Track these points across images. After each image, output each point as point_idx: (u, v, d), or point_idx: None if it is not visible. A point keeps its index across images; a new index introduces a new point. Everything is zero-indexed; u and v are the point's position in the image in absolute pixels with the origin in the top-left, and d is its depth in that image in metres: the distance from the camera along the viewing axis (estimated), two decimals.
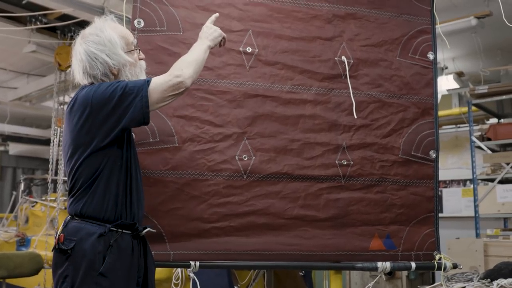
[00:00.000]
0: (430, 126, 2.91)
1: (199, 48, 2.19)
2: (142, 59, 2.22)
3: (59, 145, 6.33)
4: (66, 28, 5.99)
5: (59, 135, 6.30)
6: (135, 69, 2.14)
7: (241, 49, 2.74)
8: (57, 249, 1.95)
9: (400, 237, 2.80)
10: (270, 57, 2.76)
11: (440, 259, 2.78)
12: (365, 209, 2.76)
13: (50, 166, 6.33)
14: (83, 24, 5.85)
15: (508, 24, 3.23)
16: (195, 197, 2.54)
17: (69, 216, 2.01)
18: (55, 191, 6.43)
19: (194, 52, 2.16)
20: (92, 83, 2.04)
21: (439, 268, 2.76)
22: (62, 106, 6.53)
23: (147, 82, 1.98)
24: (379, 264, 2.67)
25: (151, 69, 2.57)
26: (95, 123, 1.95)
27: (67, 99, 6.55)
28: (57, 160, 6.29)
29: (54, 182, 6.43)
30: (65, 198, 5.73)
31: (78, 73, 2.10)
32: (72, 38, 6.06)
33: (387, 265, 2.68)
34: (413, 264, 2.73)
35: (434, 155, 2.89)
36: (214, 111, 2.66)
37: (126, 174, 2.03)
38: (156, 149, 2.57)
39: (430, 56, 2.96)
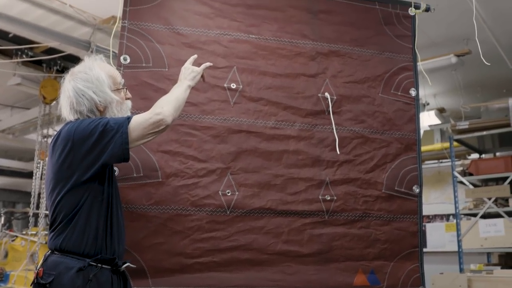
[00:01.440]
0: (413, 161, 2.94)
1: (180, 87, 2.23)
2: (128, 98, 2.24)
3: (41, 178, 6.26)
4: (52, 62, 6.01)
5: (42, 168, 6.24)
6: (121, 107, 2.16)
7: (225, 85, 2.77)
8: (36, 284, 1.92)
9: (385, 273, 2.79)
10: (254, 93, 2.79)
11: None
12: (349, 244, 2.76)
13: (32, 199, 6.25)
14: (69, 58, 5.89)
15: (486, 62, 3.32)
16: (178, 232, 2.53)
17: (49, 251, 1.99)
18: (36, 225, 6.34)
19: (174, 91, 2.20)
20: (77, 119, 2.06)
21: None
22: (45, 139, 6.49)
23: (128, 119, 1.99)
24: None
25: (136, 105, 2.60)
26: (76, 158, 1.95)
27: (51, 132, 6.52)
28: (39, 194, 6.21)
29: (36, 216, 6.33)
30: (46, 232, 5.64)
31: (65, 109, 2.11)
32: (57, 71, 6.08)
33: None
34: None
35: (417, 190, 2.91)
36: (198, 147, 2.67)
37: (107, 209, 2.02)
38: (140, 184, 2.57)
39: (412, 92, 3.02)
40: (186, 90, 2.24)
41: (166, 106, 2.06)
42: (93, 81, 2.07)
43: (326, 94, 2.89)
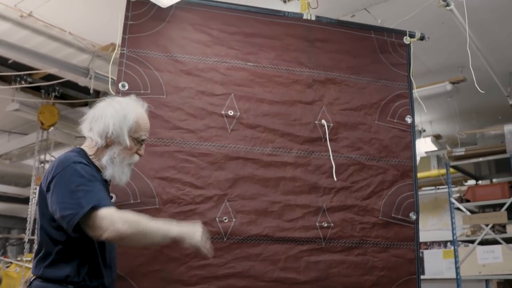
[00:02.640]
0: (410, 188, 2.94)
1: (164, 229, 2.00)
2: (140, 154, 2.19)
3: (37, 204, 6.24)
4: (51, 88, 6.05)
5: (38, 194, 6.22)
6: (124, 156, 2.11)
7: (223, 112, 2.79)
8: None
9: None
10: (251, 120, 2.81)
11: None
12: (346, 272, 2.74)
13: (27, 225, 6.21)
14: (68, 84, 5.94)
15: (480, 90, 3.36)
16: (175, 259, 2.51)
17: (33, 277, 1.98)
18: (31, 251, 6.28)
19: (155, 225, 2.00)
20: (87, 137, 2.10)
21: None
22: (42, 165, 6.49)
23: (100, 204, 1.89)
24: None
25: None
26: (53, 200, 1.92)
27: (48, 157, 6.52)
28: (35, 219, 6.16)
29: (31, 242, 6.29)
30: None
31: (86, 121, 2.13)
32: (56, 97, 6.12)
33: None
34: None
35: (414, 217, 2.91)
36: (195, 173, 2.67)
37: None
38: (137, 211, 2.50)
39: (408, 119, 3.04)
40: (165, 236, 1.99)
41: (128, 228, 1.89)
42: (120, 114, 2.09)
43: (323, 121, 2.90)
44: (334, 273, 2.73)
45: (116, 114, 2.08)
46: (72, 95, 6.35)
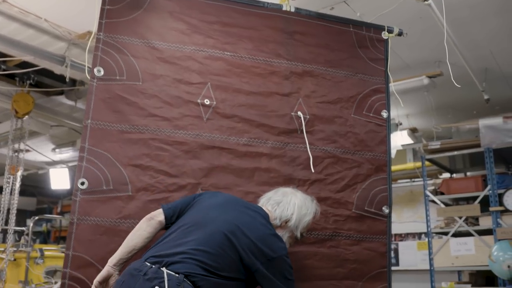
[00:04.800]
0: (383, 182, 2.96)
1: None
2: (290, 243, 2.47)
3: (11, 194, 6.14)
4: (25, 76, 5.94)
5: (12, 183, 6.12)
6: (288, 241, 2.43)
7: (199, 101, 2.78)
8: None
9: None
10: (227, 110, 2.80)
11: None
12: (319, 264, 2.75)
13: (0, 215, 6.11)
14: (43, 72, 5.83)
15: (457, 85, 3.40)
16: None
17: None
18: (4, 241, 6.19)
19: None
20: (267, 210, 2.42)
21: None
22: (16, 154, 6.38)
23: None
24: None
25: (108, 118, 2.63)
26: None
27: (22, 146, 6.42)
28: (8, 209, 6.08)
29: (4, 232, 6.19)
30: (15, 248, 5.52)
31: (267, 199, 2.50)
32: (31, 85, 6.01)
33: None
34: None
35: (387, 211, 2.93)
36: (169, 161, 2.66)
37: None
38: (109, 197, 2.54)
39: (384, 114, 3.06)
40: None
41: None
42: (303, 213, 2.43)
43: (299, 113, 2.91)
44: (306, 265, 2.74)
45: (299, 210, 2.42)
46: (47, 83, 6.25)
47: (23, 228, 5.94)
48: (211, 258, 2.08)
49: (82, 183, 2.52)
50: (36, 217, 6.10)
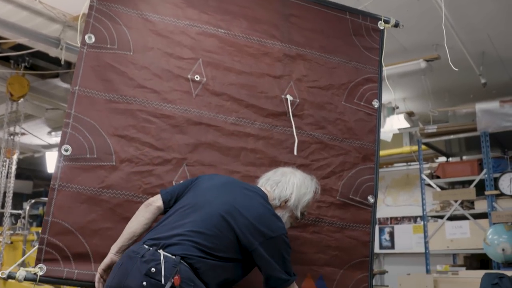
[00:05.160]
0: (370, 171, 2.94)
1: None
2: (291, 223, 2.46)
3: (7, 177, 6.13)
4: (20, 58, 5.89)
5: (8, 167, 6.11)
6: (289, 221, 2.42)
7: (189, 76, 2.74)
8: None
9: (333, 280, 2.77)
10: (217, 88, 2.77)
11: None
12: (300, 248, 2.72)
13: None
14: (38, 54, 5.78)
15: (454, 68, 3.39)
16: (127, 219, 2.39)
17: None
18: (1, 224, 6.20)
19: None
20: (265, 195, 2.36)
21: None
22: (12, 137, 6.35)
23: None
24: None
25: (96, 86, 2.59)
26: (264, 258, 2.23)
27: (18, 129, 6.39)
28: (4, 192, 6.08)
29: (0, 215, 6.20)
30: (12, 232, 5.53)
31: (266, 179, 2.47)
32: (26, 68, 5.96)
33: None
34: None
35: (372, 201, 2.91)
36: (155, 134, 2.62)
37: None
38: (92, 166, 2.51)
39: (375, 104, 3.03)
40: None
41: None
42: (302, 192, 2.42)
43: (289, 96, 2.89)
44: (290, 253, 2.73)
45: (298, 189, 2.41)
46: (42, 66, 6.21)
47: (20, 211, 5.95)
48: (208, 239, 2.09)
49: (66, 150, 2.48)
50: (33, 200, 6.10)
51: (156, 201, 2.31)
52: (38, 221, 11.81)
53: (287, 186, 2.40)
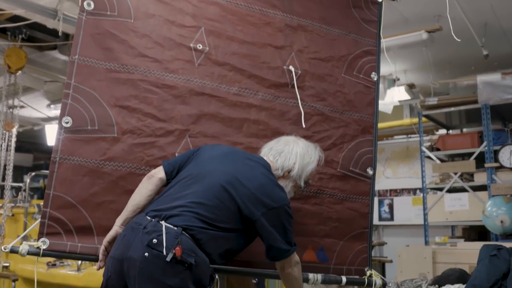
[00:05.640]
0: (369, 144, 2.95)
1: None
2: (295, 191, 2.45)
3: (7, 150, 6.12)
4: (17, 30, 5.81)
5: (8, 140, 6.10)
6: (292, 191, 2.42)
7: (191, 45, 2.70)
8: None
9: (334, 251, 2.80)
10: (220, 57, 2.74)
11: (370, 275, 2.82)
12: (302, 220, 2.73)
13: None
14: (35, 26, 5.71)
15: (457, 39, 3.35)
16: (130, 191, 2.38)
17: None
18: (2, 197, 6.22)
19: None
20: (268, 164, 2.36)
21: (369, 285, 2.79)
22: (11, 110, 6.33)
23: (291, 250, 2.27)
24: (310, 275, 2.68)
25: (96, 54, 2.54)
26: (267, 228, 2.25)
27: (17, 102, 6.36)
28: (4, 166, 6.08)
29: (1, 188, 6.21)
30: (13, 204, 5.55)
31: (268, 148, 2.46)
32: (23, 40, 5.89)
33: (319, 277, 2.70)
34: (344, 279, 2.77)
35: (371, 173, 2.92)
36: (158, 105, 2.59)
37: None
38: (94, 138, 2.47)
39: (374, 76, 3.03)
40: None
41: (299, 273, 2.35)
42: (306, 161, 2.40)
43: (291, 67, 2.86)
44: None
45: (301, 158, 2.39)
46: (40, 37, 6.13)
47: (20, 184, 5.95)
48: (209, 210, 2.09)
49: (66, 121, 2.44)
50: (33, 173, 6.10)
51: (158, 173, 2.31)
52: (39, 194, 11.86)
53: (290, 156, 2.39)
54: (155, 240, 1.97)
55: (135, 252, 1.99)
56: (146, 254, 1.96)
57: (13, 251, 2.33)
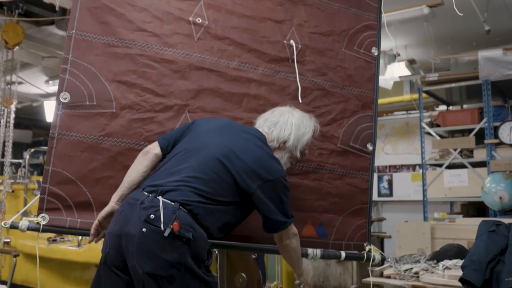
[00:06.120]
0: (369, 119, 2.93)
1: (300, 260, 2.48)
2: (291, 162, 2.46)
3: (6, 126, 6.10)
4: (14, 5, 5.74)
5: (6, 116, 6.07)
6: (288, 162, 2.42)
7: (190, 19, 2.67)
8: None
9: (333, 226, 2.81)
10: (219, 31, 2.71)
11: (370, 250, 2.83)
12: (301, 196, 2.74)
13: None
14: (31, 1, 5.63)
15: (459, 13, 3.31)
16: (129, 167, 2.33)
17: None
18: (1, 173, 6.23)
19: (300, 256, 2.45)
20: (264, 136, 2.35)
21: (368, 260, 2.80)
22: (9, 86, 6.29)
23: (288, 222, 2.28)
24: (310, 250, 2.69)
25: (94, 29, 2.51)
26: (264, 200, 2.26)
27: (15, 78, 6.32)
28: (3, 142, 6.07)
29: (1, 164, 6.22)
30: (13, 181, 5.56)
31: (264, 120, 2.45)
32: (20, 15, 5.83)
33: (318, 252, 2.71)
34: (343, 254, 2.78)
35: (371, 148, 2.91)
36: (157, 80, 2.57)
37: None
38: (92, 113, 2.47)
39: (374, 51, 2.99)
40: (299, 266, 2.47)
41: (297, 245, 2.37)
42: (301, 132, 2.40)
43: (292, 41, 2.83)
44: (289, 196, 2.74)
45: (297, 129, 2.38)
46: (37, 12, 6.06)
47: (20, 161, 5.96)
48: (206, 184, 2.10)
49: (64, 97, 2.44)
50: (32, 150, 6.10)
51: (154, 149, 2.31)
52: (38, 170, 11.88)
53: (285, 126, 2.38)
54: (152, 216, 1.98)
55: (133, 227, 2.00)
56: (144, 229, 1.97)
57: (13, 226, 2.35)
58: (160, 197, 2.04)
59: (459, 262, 3.07)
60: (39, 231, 2.39)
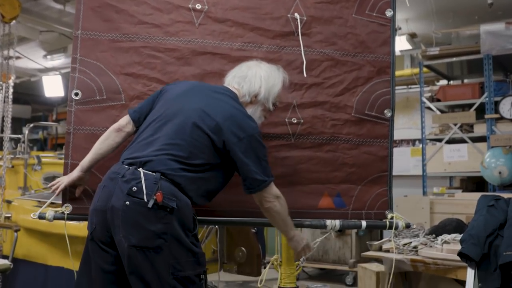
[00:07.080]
0: (386, 85, 2.83)
1: (291, 226, 2.45)
2: (265, 116, 2.49)
3: (4, 101, 6.08)
4: None
5: (5, 91, 6.04)
6: (262, 115, 2.45)
7: (190, 6, 2.68)
8: None
9: (351, 196, 2.77)
10: (220, 14, 2.71)
11: (392, 218, 2.76)
12: (315, 168, 2.73)
13: None
14: None
15: None
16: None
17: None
18: (1, 149, 6.22)
19: (289, 220, 2.42)
20: (233, 90, 2.38)
21: (390, 227, 2.74)
22: (6, 61, 6.24)
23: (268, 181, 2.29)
24: (328, 222, 2.66)
25: (99, 27, 2.63)
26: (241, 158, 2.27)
27: (12, 52, 6.26)
28: (2, 117, 6.05)
29: (0, 139, 6.21)
30: (12, 156, 5.56)
31: (232, 76, 2.46)
32: None
33: (336, 223, 2.67)
34: (364, 223, 2.72)
35: (389, 114, 2.82)
36: (161, 69, 2.64)
37: None
38: (103, 107, 2.60)
39: (388, 13, 2.84)
40: (289, 231, 2.45)
41: (282, 208, 2.34)
42: (271, 83, 2.41)
43: (296, 14, 2.78)
44: (302, 169, 2.72)
45: (266, 81, 2.39)
46: None
47: (19, 136, 5.95)
48: (184, 149, 2.12)
49: (76, 94, 2.58)
50: (31, 125, 6.09)
51: (126, 126, 2.38)
52: (38, 146, 11.89)
53: (255, 80, 2.39)
54: (134, 188, 2.01)
55: (116, 201, 2.03)
56: (127, 202, 2.00)
57: (41, 217, 2.52)
58: (140, 169, 2.06)
59: (458, 236, 3.09)
60: (65, 220, 2.56)
